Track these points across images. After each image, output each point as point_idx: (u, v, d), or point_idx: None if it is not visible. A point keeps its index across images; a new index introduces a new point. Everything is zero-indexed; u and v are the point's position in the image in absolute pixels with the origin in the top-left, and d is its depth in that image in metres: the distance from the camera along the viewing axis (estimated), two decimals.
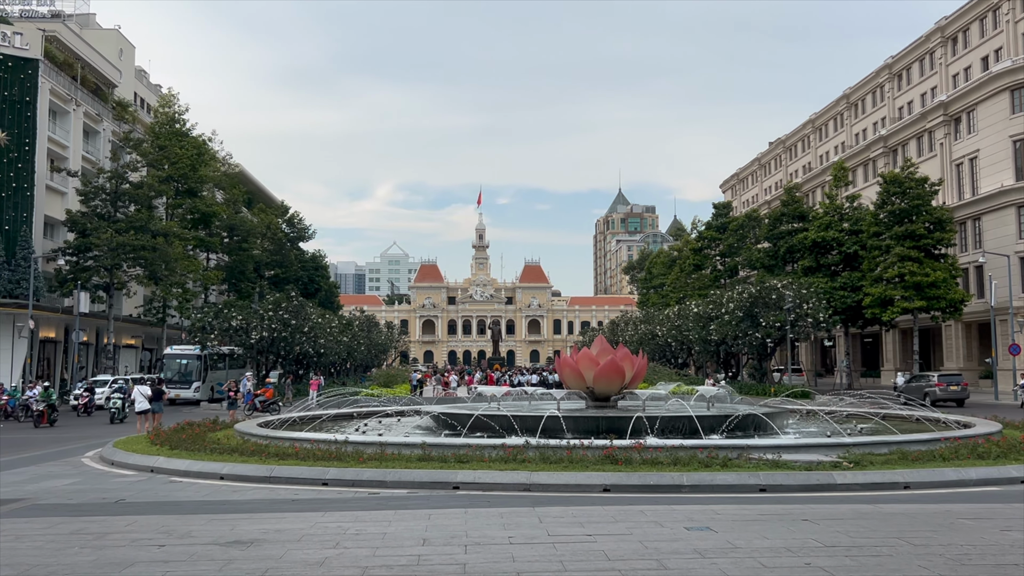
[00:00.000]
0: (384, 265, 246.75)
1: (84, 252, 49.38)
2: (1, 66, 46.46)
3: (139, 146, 55.30)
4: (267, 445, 17.26)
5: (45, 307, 48.37)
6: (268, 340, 49.70)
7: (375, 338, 78.72)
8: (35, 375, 47.98)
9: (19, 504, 12.85)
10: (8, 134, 46.22)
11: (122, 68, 64.90)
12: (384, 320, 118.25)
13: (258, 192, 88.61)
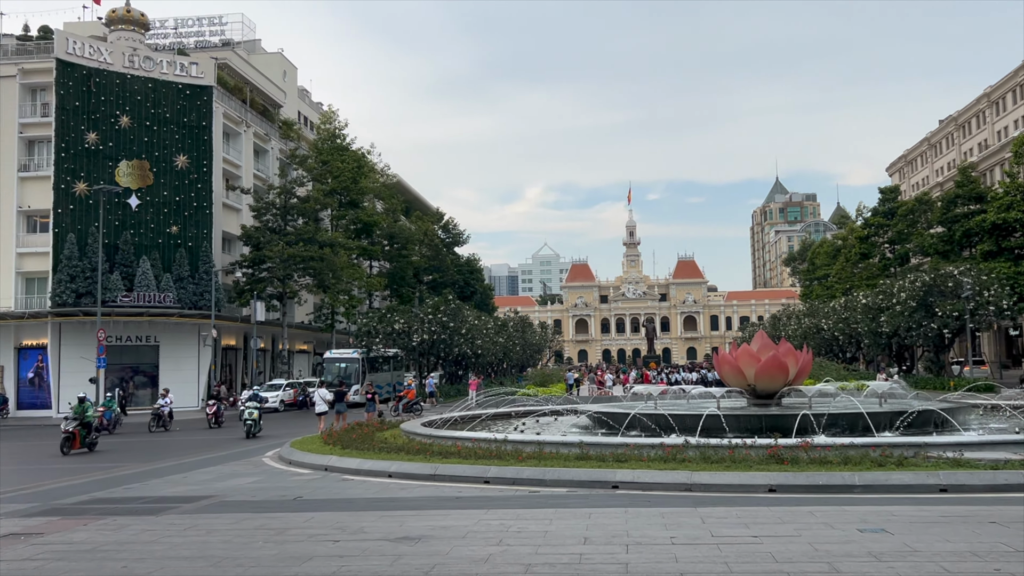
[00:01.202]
0: (536, 266, 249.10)
1: (259, 264, 52.77)
2: (180, 95, 50.36)
3: (304, 162, 58.47)
4: (431, 444, 17.83)
5: (226, 317, 51.97)
6: (428, 342, 51.30)
7: (529, 338, 79.62)
8: (219, 380, 51.66)
9: (209, 501, 13.86)
10: (188, 157, 50.01)
11: (286, 89, 68.83)
12: (538, 320, 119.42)
13: (415, 200, 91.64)
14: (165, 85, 49.83)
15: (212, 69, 52.48)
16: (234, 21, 68.77)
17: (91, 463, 21.72)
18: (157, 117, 49.43)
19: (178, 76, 50.42)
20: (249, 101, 59.70)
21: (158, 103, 49.52)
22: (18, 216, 47.64)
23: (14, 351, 47.52)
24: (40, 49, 48.88)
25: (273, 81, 65.65)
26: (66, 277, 45.22)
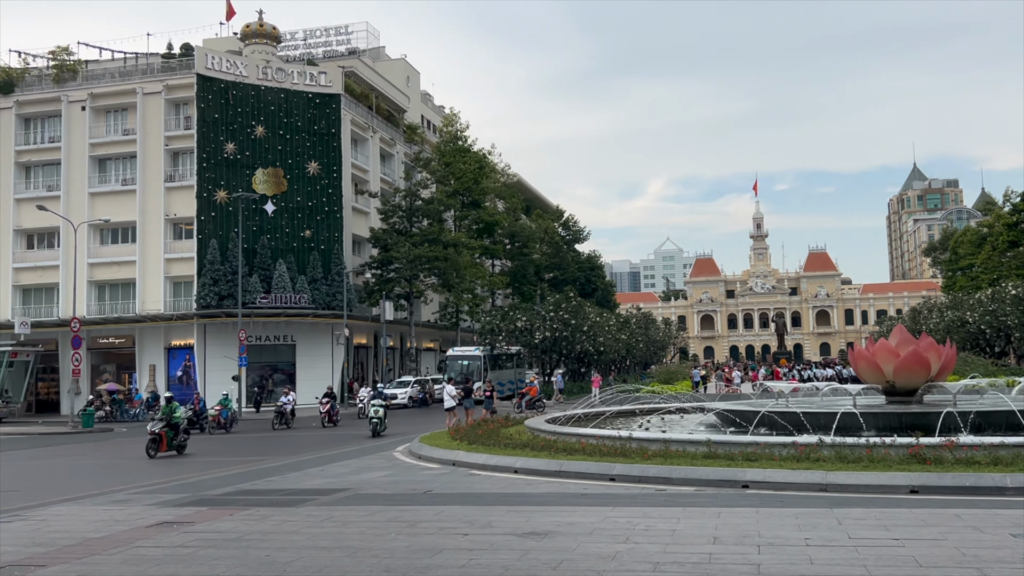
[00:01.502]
0: (658, 261, 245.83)
1: (387, 265, 54.38)
2: (310, 103, 52.44)
3: (428, 165, 59.81)
4: (555, 441, 17.90)
5: (357, 316, 53.78)
6: (550, 340, 51.51)
7: (653, 335, 78.73)
8: (352, 377, 53.53)
9: (344, 494, 14.39)
10: (319, 164, 52.02)
11: (410, 94, 70.54)
12: (661, 316, 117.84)
13: (535, 199, 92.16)
14: (296, 95, 52.01)
15: (340, 78, 54.38)
16: (359, 30, 71.05)
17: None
18: (289, 126, 51.66)
19: (308, 86, 52.52)
20: (375, 107, 61.53)
21: (290, 112, 51.74)
22: (165, 224, 50.75)
23: (164, 351, 50.68)
24: (182, 66, 51.91)
25: (397, 87, 67.42)
26: (209, 281, 47.88)
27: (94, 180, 51.78)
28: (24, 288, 52.48)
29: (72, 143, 51.91)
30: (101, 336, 51.17)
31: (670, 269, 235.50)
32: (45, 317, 50.26)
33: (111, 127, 52.59)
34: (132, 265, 50.73)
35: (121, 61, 54.42)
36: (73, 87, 52.52)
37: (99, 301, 51.55)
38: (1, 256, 52.03)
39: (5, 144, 52.53)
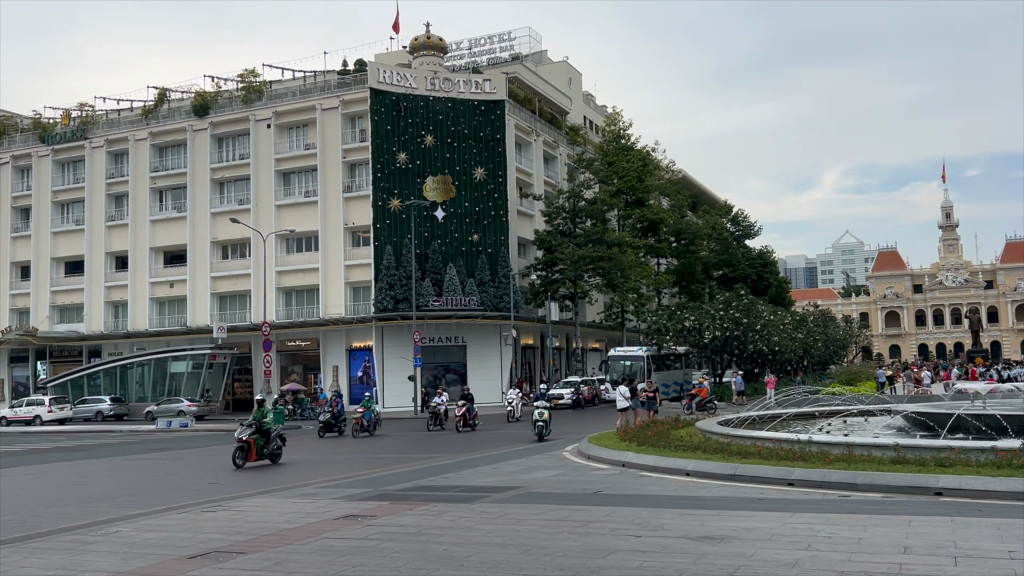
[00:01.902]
0: (836, 256, 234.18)
1: (551, 267, 54.86)
2: (476, 111, 53.75)
3: (591, 165, 59.84)
4: (728, 443, 17.43)
5: (524, 317, 54.59)
6: (721, 339, 50.20)
7: (832, 333, 75.07)
8: (520, 377, 54.37)
9: (516, 492, 14.63)
10: (485, 169, 53.22)
11: (571, 95, 70.83)
12: (840, 314, 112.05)
13: (701, 194, 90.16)
14: (463, 103, 53.47)
15: (503, 84, 55.40)
16: (522, 36, 72.07)
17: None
18: (457, 134, 53.17)
19: (474, 93, 53.87)
20: (538, 111, 62.23)
21: (457, 120, 53.25)
22: (344, 232, 53.50)
23: (345, 352, 53.43)
24: (356, 81, 54.56)
25: (559, 89, 67.89)
26: (385, 285, 50.05)
27: (279, 193, 55.35)
28: (220, 295, 56.82)
29: (259, 159, 55.73)
30: (289, 339, 54.60)
31: (850, 263, 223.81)
32: (239, 322, 54.18)
33: (294, 143, 56.05)
34: (315, 272, 53.82)
35: (301, 80, 57.86)
36: (259, 107, 56.38)
37: (286, 306, 55.01)
38: (200, 266, 56.58)
39: (201, 162, 57.11)
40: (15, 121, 64.97)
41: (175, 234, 57.68)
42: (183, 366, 52.90)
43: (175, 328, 56.41)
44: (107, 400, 51.47)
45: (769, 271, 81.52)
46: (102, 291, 59.09)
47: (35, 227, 61.16)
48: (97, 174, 59.78)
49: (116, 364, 55.09)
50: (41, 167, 61.48)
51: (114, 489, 17.96)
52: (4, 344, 59.91)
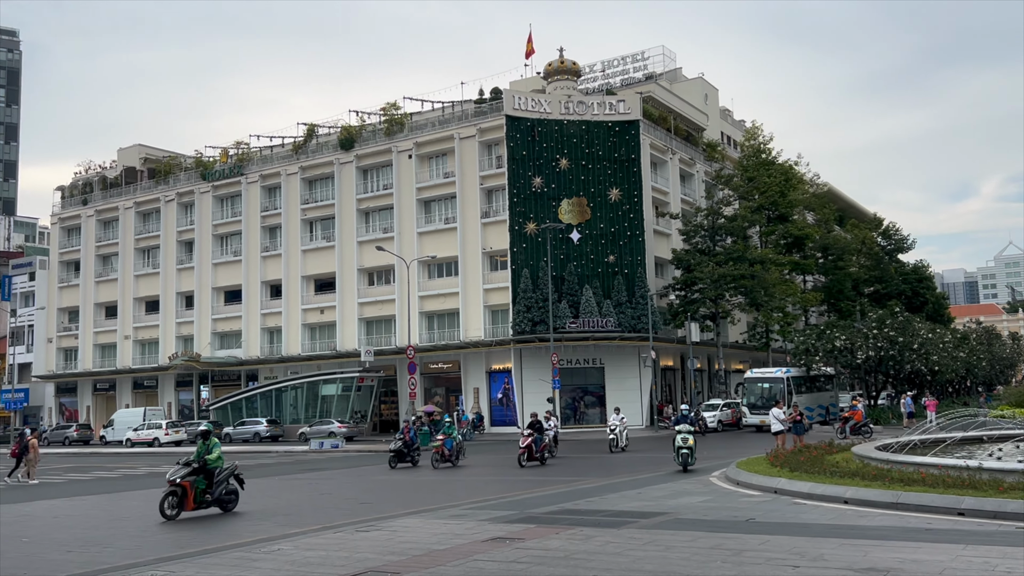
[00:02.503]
0: (999, 269, 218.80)
1: (690, 286, 53.86)
2: (610, 132, 53.71)
3: (730, 181, 58.52)
4: (889, 469, 16.49)
5: (662, 338, 53.77)
6: (874, 360, 47.77)
7: (997, 352, 70.11)
8: (661, 399, 53.54)
9: (663, 517, 14.35)
10: (620, 190, 53.00)
11: (708, 112, 69.66)
12: (1007, 331, 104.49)
13: (848, 208, 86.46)
14: (596, 125, 53.56)
15: (637, 104, 55.15)
16: (655, 54, 71.65)
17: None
18: (591, 156, 53.28)
19: (607, 115, 53.88)
20: (673, 129, 61.54)
21: (591, 142, 53.37)
22: (483, 257, 54.45)
23: (485, 375, 54.20)
24: (492, 109, 55.64)
25: (695, 106, 66.92)
26: (523, 308, 50.53)
27: (421, 220, 57.01)
28: (367, 320, 58.91)
29: (402, 188, 57.64)
30: (431, 362, 55.92)
31: (1015, 277, 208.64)
32: (385, 346, 55.96)
33: (434, 171, 57.67)
34: (455, 296, 54.98)
35: (440, 110, 59.56)
36: (401, 138, 58.40)
37: (429, 330, 56.43)
38: (348, 293, 58.90)
39: (347, 194, 59.61)
40: (180, 161, 69.91)
41: (324, 262, 60.34)
42: (333, 389, 55.08)
43: (325, 352, 58.85)
44: (263, 422, 54.18)
45: (925, 286, 77.02)
46: (258, 318, 62.45)
47: (198, 259, 65.45)
48: (253, 208, 63.43)
49: (271, 387, 57.98)
50: (202, 203, 65.84)
51: (273, 508, 18.83)
52: (171, 369, 64.22)
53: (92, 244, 71.13)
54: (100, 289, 70.62)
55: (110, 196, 71.24)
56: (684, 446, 23.06)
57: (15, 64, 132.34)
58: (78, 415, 70.23)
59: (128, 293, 68.66)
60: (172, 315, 66.35)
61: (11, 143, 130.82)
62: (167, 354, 64.73)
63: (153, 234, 68.21)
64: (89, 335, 70.46)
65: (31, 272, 76.72)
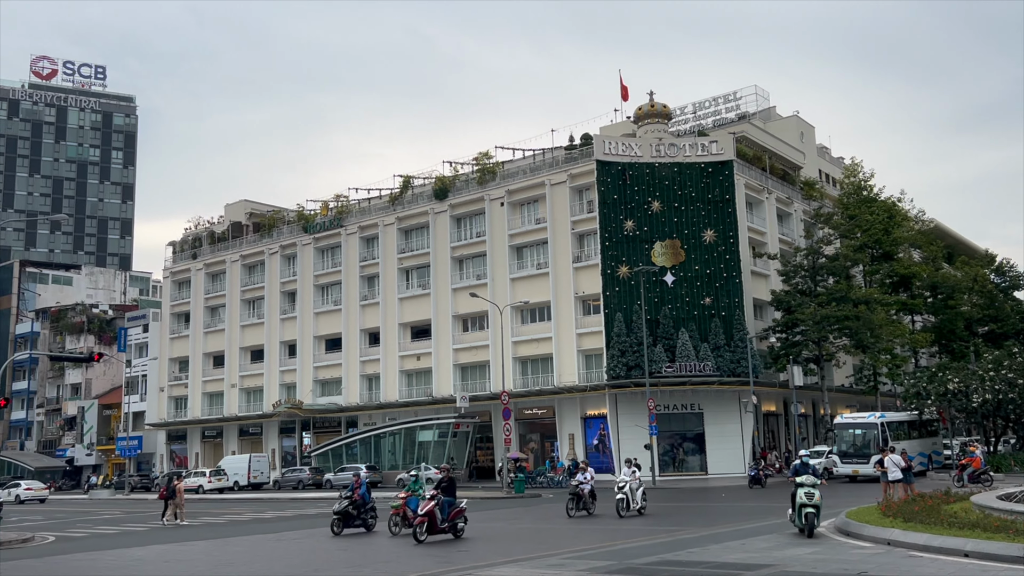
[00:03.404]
0: None
1: (791, 328, 52.31)
2: (703, 173, 53.18)
3: (830, 219, 56.96)
4: (1014, 521, 15.47)
5: (763, 383, 52.25)
6: (993, 403, 45.18)
7: None
8: (764, 446, 51.87)
9: (770, 570, 13.78)
10: (714, 231, 52.25)
11: (804, 149, 68.30)
12: None
13: (957, 244, 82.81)
14: (689, 167, 53.16)
15: (731, 144, 54.54)
16: (747, 94, 70.93)
17: (643, 528, 23.16)
18: (684, 197, 52.81)
19: (700, 156, 53.44)
20: (768, 168, 60.51)
21: (684, 184, 52.95)
22: (575, 301, 54.32)
23: (580, 420, 53.69)
24: (582, 155, 55.93)
25: (790, 144, 65.72)
26: (617, 352, 50.02)
27: (513, 267, 57.41)
28: (462, 366, 59.35)
29: (494, 235, 58.28)
30: (526, 407, 55.80)
31: None
32: (479, 392, 56.20)
33: (525, 218, 58.17)
34: (549, 341, 54.90)
35: (531, 158, 60.25)
36: (493, 186, 59.23)
37: (523, 375, 56.42)
38: (443, 339, 59.58)
39: (441, 242, 60.64)
40: (282, 215, 72.64)
41: (420, 310, 61.32)
42: (430, 435, 55.51)
43: (422, 399, 59.51)
44: (363, 468, 54.86)
45: None
46: (357, 365, 63.73)
47: (300, 309, 67.47)
48: (351, 258, 65.20)
49: (370, 434, 58.87)
50: (304, 254, 68.06)
51: (373, 554, 18.96)
52: (275, 416, 66.01)
53: (201, 296, 74.25)
54: (208, 339, 73.47)
55: (218, 250, 74.45)
56: (809, 503, 18.26)
57: (132, 128, 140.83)
58: (188, 462, 72.73)
59: (234, 343, 71.20)
60: (276, 363, 68.38)
61: (128, 202, 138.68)
62: (271, 401, 66.59)
63: (258, 285, 70.76)
64: (198, 384, 73.21)
65: (145, 324, 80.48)
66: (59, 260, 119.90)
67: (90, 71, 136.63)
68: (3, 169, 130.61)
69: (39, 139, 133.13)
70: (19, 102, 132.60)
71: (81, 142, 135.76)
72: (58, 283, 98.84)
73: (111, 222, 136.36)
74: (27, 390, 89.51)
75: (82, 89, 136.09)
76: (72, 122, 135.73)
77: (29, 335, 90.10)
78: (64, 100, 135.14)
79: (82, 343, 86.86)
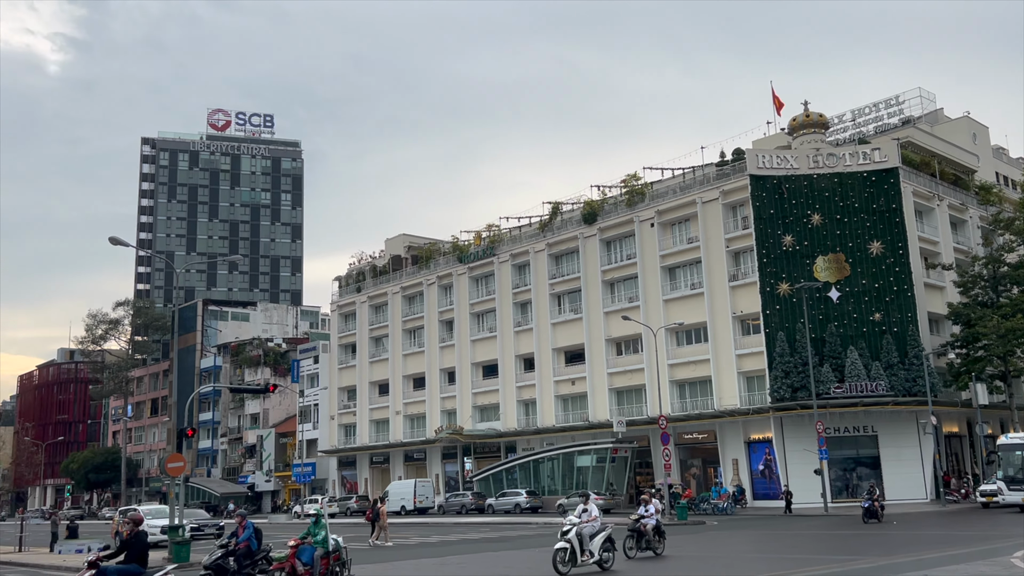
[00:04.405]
0: None
1: (972, 343, 48.67)
2: (865, 182, 50.61)
3: (1011, 225, 52.72)
4: None
5: (943, 402, 48.81)
6: None
7: None
8: (946, 470, 48.31)
9: None
10: (881, 242, 49.52)
11: (978, 152, 63.81)
12: None
13: None
14: (850, 176, 50.76)
15: (895, 150, 51.72)
16: (911, 97, 67.18)
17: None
18: (845, 209, 50.43)
19: (861, 165, 50.95)
20: (938, 173, 56.85)
21: (845, 195, 50.58)
22: (733, 321, 52.76)
23: (744, 445, 51.88)
24: (735, 170, 54.52)
25: (961, 147, 61.55)
26: (780, 373, 48.10)
27: (666, 288, 56.51)
28: (617, 390, 58.80)
29: (645, 257, 57.64)
30: (685, 432, 54.54)
31: None
32: (636, 416, 55.46)
33: (676, 238, 57.21)
34: (706, 363, 53.52)
35: (680, 177, 59.35)
36: (642, 207, 58.69)
37: (680, 399, 55.23)
38: (597, 363, 59.32)
39: (592, 266, 60.57)
40: (438, 246, 74.89)
41: (573, 334, 61.39)
42: (588, 460, 55.21)
43: (578, 423, 59.37)
44: (523, 493, 55.29)
45: None
46: (514, 391, 64.47)
47: (457, 336, 69.11)
48: (504, 286, 66.25)
49: (529, 459, 59.23)
50: (460, 284, 69.79)
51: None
52: (437, 442, 67.70)
53: (366, 327, 77.48)
54: (373, 368, 76.46)
55: (380, 283, 77.58)
56: None
57: (298, 171, 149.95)
58: (357, 487, 75.70)
59: (398, 371, 73.72)
60: (436, 390, 70.23)
61: (296, 241, 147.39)
62: (433, 428, 68.37)
63: (417, 315, 73.10)
64: (365, 411, 76.23)
65: (315, 356, 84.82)
66: (237, 298, 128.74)
67: (260, 120, 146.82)
68: (186, 216, 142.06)
69: (216, 186, 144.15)
70: (199, 153, 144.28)
71: (253, 187, 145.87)
72: (236, 319, 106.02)
73: (282, 260, 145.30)
74: (212, 420, 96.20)
75: (253, 137, 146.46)
76: (245, 168, 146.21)
77: (212, 369, 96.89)
78: (237, 148, 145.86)
79: (259, 375, 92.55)
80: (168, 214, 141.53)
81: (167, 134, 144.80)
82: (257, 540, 17.98)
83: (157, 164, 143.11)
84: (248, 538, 17.88)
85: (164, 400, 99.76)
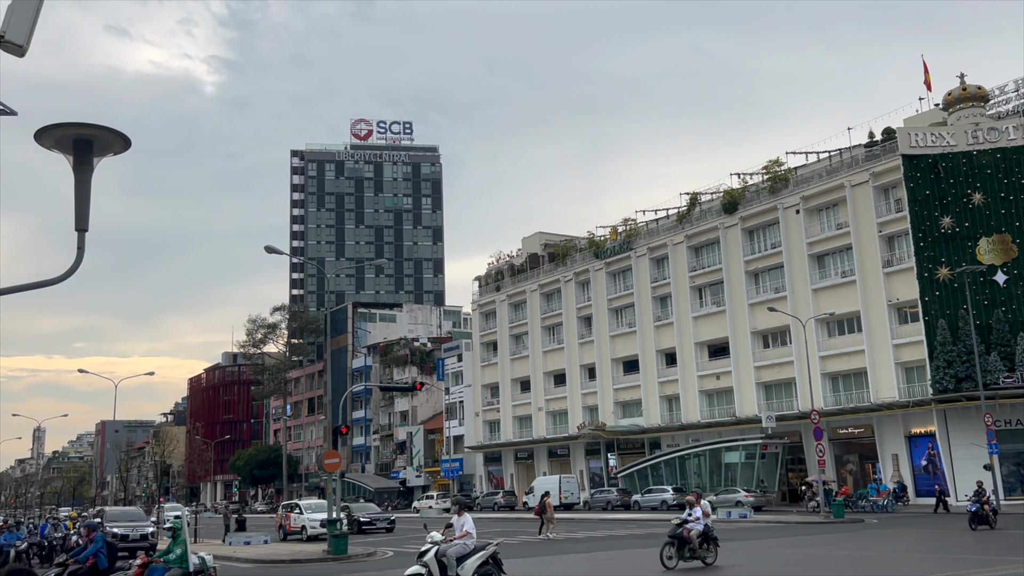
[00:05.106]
0: None
1: None
2: None
3: None
4: None
5: None
6: None
7: None
8: None
9: None
10: None
11: None
12: None
13: None
14: (1014, 151, 47.27)
15: None
16: None
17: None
18: (1011, 186, 47.00)
19: None
20: None
21: (1010, 172, 47.13)
22: (888, 310, 50.12)
23: (904, 439, 49.20)
24: (885, 151, 51.74)
25: None
26: (942, 363, 45.34)
27: (814, 277, 54.31)
28: (765, 385, 57.03)
29: (791, 245, 55.59)
30: (839, 426, 52.25)
31: None
32: (786, 411, 53.57)
33: (824, 224, 54.88)
34: (861, 354, 51.09)
35: (826, 161, 56.86)
36: (786, 194, 56.61)
37: (834, 392, 52.97)
38: (743, 357, 57.71)
39: (734, 257, 58.96)
40: (574, 243, 74.93)
41: (716, 328, 59.99)
42: (736, 456, 53.87)
43: (724, 419, 57.99)
44: (669, 490, 54.53)
45: None
46: (656, 386, 63.68)
47: (596, 332, 68.91)
48: (643, 280, 65.51)
49: (674, 455, 58.35)
50: (596, 279, 69.55)
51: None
52: (580, 438, 67.77)
53: (506, 325, 78.52)
54: (515, 365, 77.38)
55: (518, 281, 78.41)
56: None
57: (437, 176, 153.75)
58: (503, 482, 76.83)
59: (538, 368, 74.31)
60: (577, 387, 70.31)
61: (438, 243, 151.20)
62: (575, 424, 68.49)
63: (556, 312, 73.40)
64: (508, 408, 77.27)
65: (459, 354, 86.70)
66: (384, 300, 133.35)
67: (399, 127, 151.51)
68: (334, 223, 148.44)
69: (361, 193, 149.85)
70: (344, 162, 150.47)
71: (396, 192, 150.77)
72: (384, 321, 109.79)
73: (425, 263, 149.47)
74: (364, 418, 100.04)
75: (393, 144, 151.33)
76: (387, 175, 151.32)
77: (363, 368, 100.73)
78: (379, 156, 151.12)
79: (407, 374, 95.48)
80: (318, 222, 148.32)
81: (314, 145, 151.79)
82: (108, 557, 15.17)
83: (306, 175, 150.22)
84: (95, 552, 14.99)
85: (320, 399, 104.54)
